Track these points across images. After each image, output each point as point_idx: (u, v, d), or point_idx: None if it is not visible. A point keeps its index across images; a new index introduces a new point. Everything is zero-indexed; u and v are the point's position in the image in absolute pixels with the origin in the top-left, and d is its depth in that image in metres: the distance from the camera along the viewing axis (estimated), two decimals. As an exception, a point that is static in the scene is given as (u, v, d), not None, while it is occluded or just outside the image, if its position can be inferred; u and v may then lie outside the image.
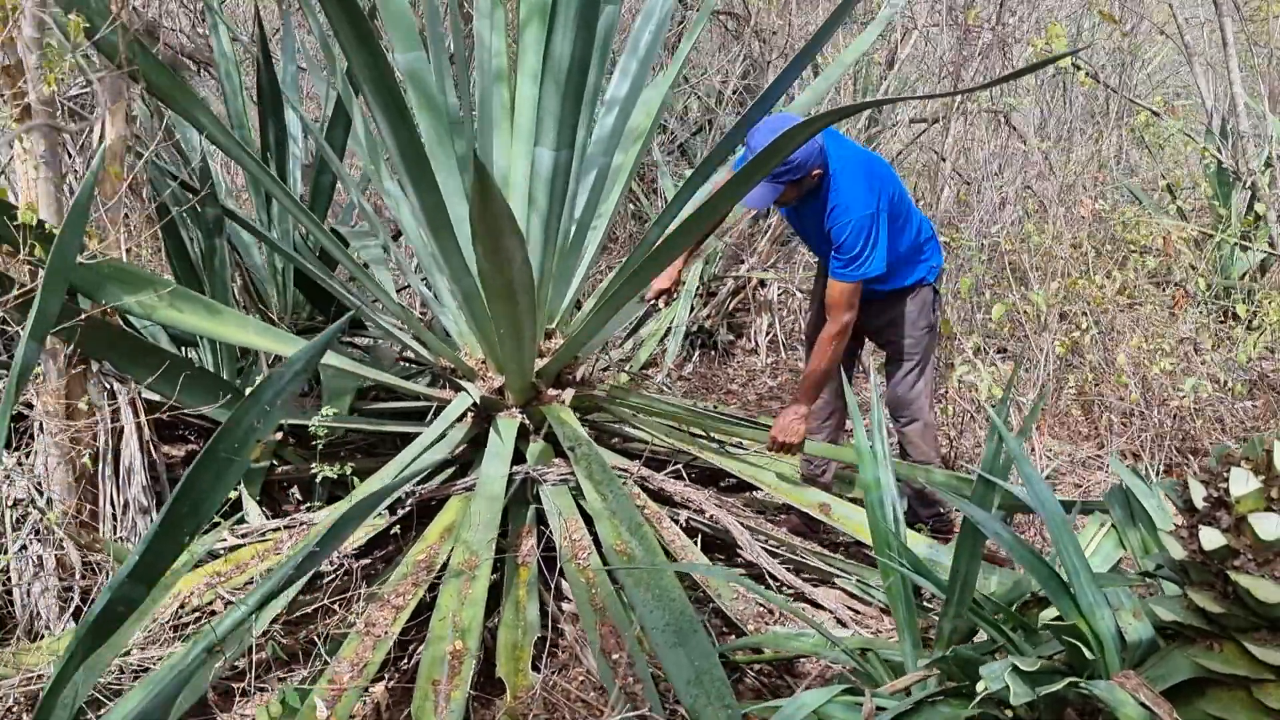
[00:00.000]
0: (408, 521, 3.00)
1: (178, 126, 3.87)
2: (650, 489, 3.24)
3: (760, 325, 5.65)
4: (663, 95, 3.85)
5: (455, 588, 2.67)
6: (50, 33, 2.48)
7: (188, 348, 3.54)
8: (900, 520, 2.36)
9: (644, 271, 2.88)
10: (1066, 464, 3.96)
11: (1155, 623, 1.85)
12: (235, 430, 1.53)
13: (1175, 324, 4.24)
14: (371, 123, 3.51)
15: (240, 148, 3.08)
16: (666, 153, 7.42)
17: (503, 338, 3.03)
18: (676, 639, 2.31)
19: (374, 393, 3.89)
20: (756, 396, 5.06)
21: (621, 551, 2.69)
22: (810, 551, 3.10)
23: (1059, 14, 7.19)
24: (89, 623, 1.52)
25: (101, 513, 2.82)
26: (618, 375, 4.61)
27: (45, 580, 2.67)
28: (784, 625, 2.75)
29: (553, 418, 3.25)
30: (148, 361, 2.81)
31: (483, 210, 2.28)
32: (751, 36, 7.02)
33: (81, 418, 2.70)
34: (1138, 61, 7.54)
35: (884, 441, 2.46)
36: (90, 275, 2.62)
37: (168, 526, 1.50)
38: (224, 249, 3.35)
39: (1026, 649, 2.00)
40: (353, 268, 3.44)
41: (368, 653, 2.51)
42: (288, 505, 3.36)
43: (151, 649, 2.51)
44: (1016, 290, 4.40)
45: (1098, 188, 5.34)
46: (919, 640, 2.18)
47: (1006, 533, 1.97)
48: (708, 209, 2.65)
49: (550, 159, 3.01)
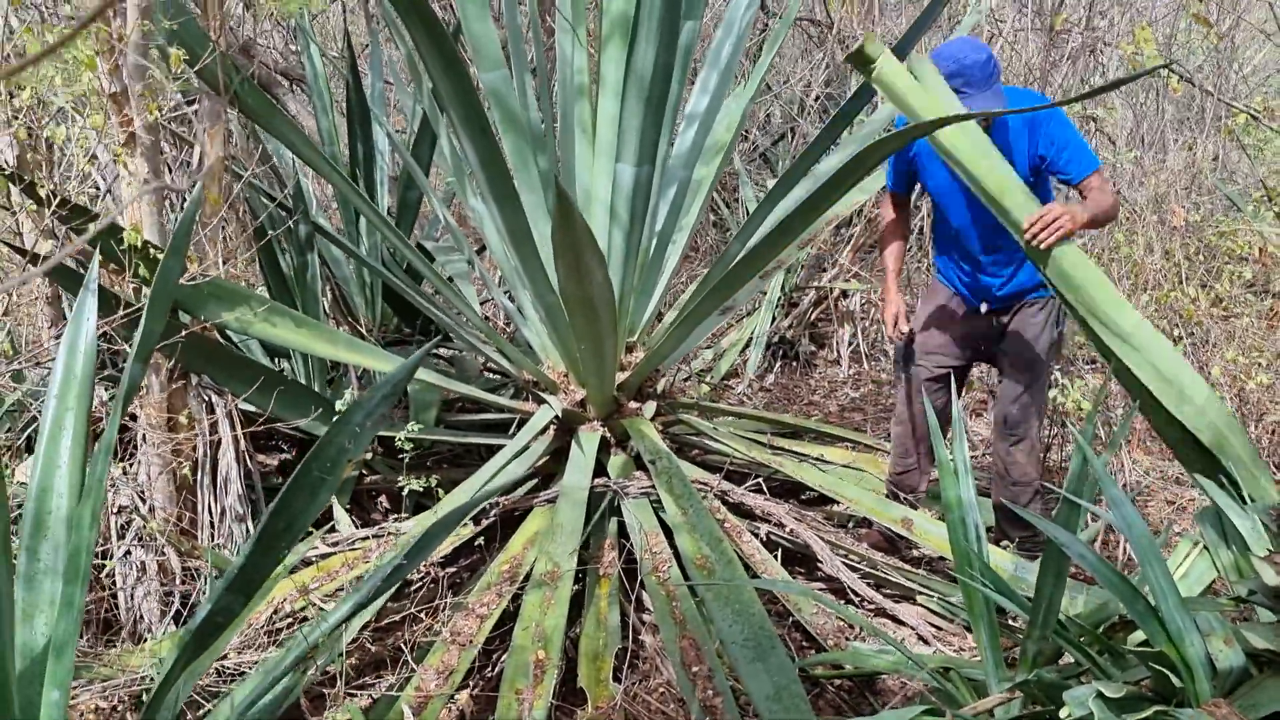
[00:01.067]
0: (492, 532, 3.06)
1: (269, 142, 4.00)
2: (730, 502, 3.25)
3: (843, 336, 5.61)
4: (744, 107, 3.85)
5: (538, 598, 2.71)
6: (153, 59, 2.59)
7: (280, 360, 3.66)
8: (983, 538, 2.33)
9: (725, 285, 2.90)
10: (1159, 480, 3.86)
11: (1247, 650, 1.80)
12: (328, 450, 1.59)
13: (1274, 335, 4.10)
14: (455, 139, 3.59)
15: (330, 166, 3.17)
16: (748, 161, 7.42)
17: (584, 352, 3.08)
18: (755, 654, 2.32)
19: (459, 404, 3.96)
20: (839, 408, 5.03)
21: (701, 565, 2.71)
22: (891, 567, 3.07)
23: (1151, 15, 7.02)
24: (191, 632, 1.59)
25: (200, 520, 2.94)
26: (698, 387, 4.63)
27: (148, 585, 2.79)
28: (865, 641, 2.74)
29: (634, 431, 3.29)
30: (244, 375, 2.92)
31: (563, 230, 2.32)
32: (834, 43, 6.98)
33: (182, 430, 2.81)
34: (1235, 62, 7.31)
35: (965, 456, 2.44)
36: (191, 294, 2.73)
37: (264, 542, 1.57)
38: (315, 264, 3.46)
39: (1113, 674, 1.96)
40: (438, 282, 3.52)
41: (453, 660, 2.56)
42: (376, 514, 3.45)
43: (247, 653, 2.61)
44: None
45: (1192, 196, 5.19)
46: (1002, 661, 2.16)
47: (1091, 554, 1.94)
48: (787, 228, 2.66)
49: (632, 174, 3.05)
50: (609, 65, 3.28)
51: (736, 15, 3.67)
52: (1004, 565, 2.88)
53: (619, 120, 3.11)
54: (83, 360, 1.97)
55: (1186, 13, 6.23)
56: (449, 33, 2.49)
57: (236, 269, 3.11)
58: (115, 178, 3.03)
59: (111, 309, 2.43)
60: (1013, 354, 3.24)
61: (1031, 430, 3.27)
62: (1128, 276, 4.31)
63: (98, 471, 1.76)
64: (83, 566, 1.72)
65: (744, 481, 3.30)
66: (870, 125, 4.02)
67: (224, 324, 2.82)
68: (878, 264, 6.07)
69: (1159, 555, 1.89)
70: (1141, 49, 4.64)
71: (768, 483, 3.37)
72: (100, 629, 2.77)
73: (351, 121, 4.04)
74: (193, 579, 2.84)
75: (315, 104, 4.22)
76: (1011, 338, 3.24)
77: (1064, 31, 5.72)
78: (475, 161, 2.81)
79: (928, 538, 3.10)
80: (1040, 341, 3.20)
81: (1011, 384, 3.26)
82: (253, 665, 2.55)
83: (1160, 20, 7.13)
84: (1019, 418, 3.25)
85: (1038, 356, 3.21)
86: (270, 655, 2.54)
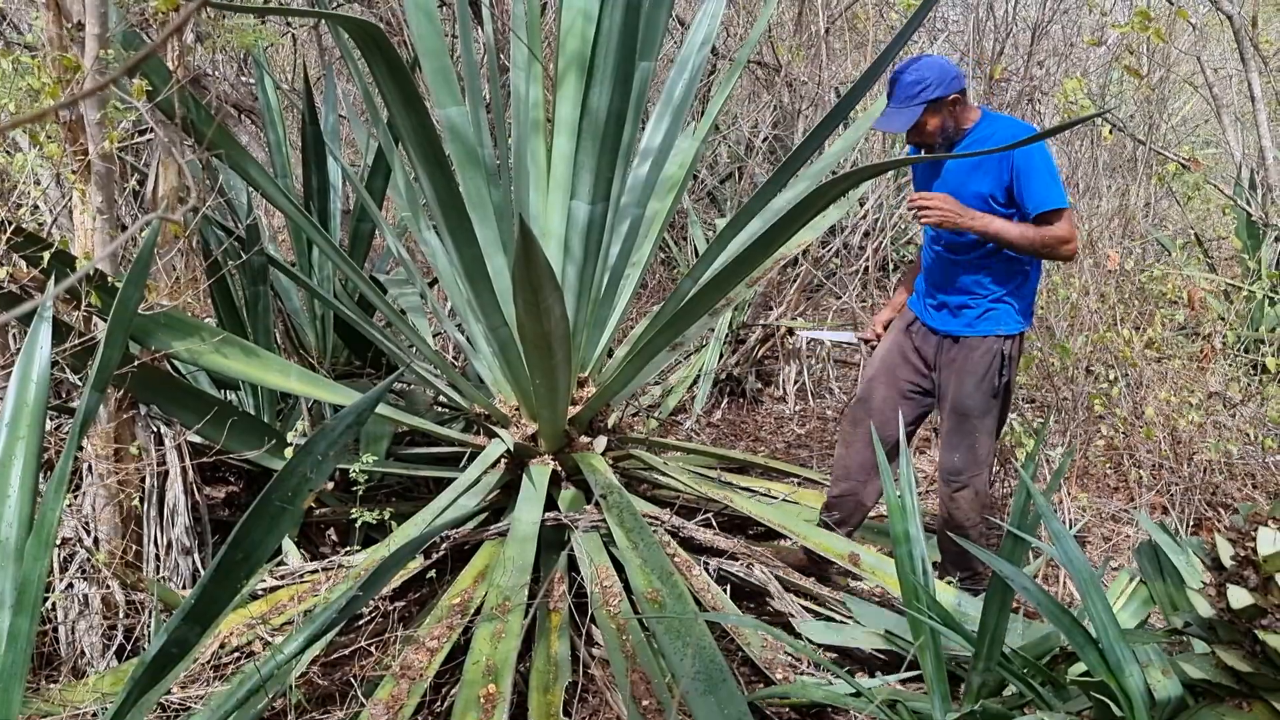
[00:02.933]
0: (442, 565, 3.06)
1: (222, 172, 3.98)
2: (680, 537, 3.27)
3: (789, 373, 5.69)
4: (696, 146, 3.93)
5: (489, 631, 2.71)
6: (110, 88, 2.59)
7: (228, 391, 3.63)
8: (929, 572, 2.39)
9: (678, 320, 2.94)
10: (1095, 517, 3.96)
11: (1184, 680, 1.87)
12: (289, 480, 1.59)
13: (1204, 377, 4.25)
14: (410, 172, 3.60)
15: (287, 198, 3.18)
16: (696, 199, 7.52)
17: (538, 387, 3.10)
18: (706, 687, 2.34)
19: (408, 437, 3.95)
20: (785, 444, 5.09)
21: (652, 599, 2.73)
22: (837, 600, 3.12)
23: (1086, 66, 7.27)
24: (144, 664, 1.58)
25: (145, 553, 2.90)
26: (647, 422, 4.66)
27: (90, 618, 2.74)
28: (813, 674, 2.77)
29: (584, 465, 3.31)
30: (194, 405, 2.89)
31: (525, 267, 2.35)
32: (782, 85, 7.13)
33: (130, 460, 2.78)
34: (1165, 112, 7.58)
35: (914, 494, 2.49)
36: (142, 323, 2.70)
37: (222, 572, 1.56)
38: (267, 295, 3.44)
39: (1055, 704, 2.02)
40: (391, 314, 3.52)
41: (403, 694, 2.55)
42: (324, 547, 3.42)
43: (192, 688, 2.57)
44: (1045, 341, 4.43)
45: (1125, 241, 5.37)
46: (948, 693, 2.20)
47: (1035, 588, 2.00)
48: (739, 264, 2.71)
49: (586, 212, 3.09)
50: (564, 103, 3.33)
51: (689, 56, 3.75)
52: (948, 600, 2.93)
53: (574, 158, 3.16)
54: (35, 389, 1.95)
55: (1118, 65, 6.46)
56: (409, 69, 2.52)
57: (188, 299, 3.09)
58: (62, 207, 3.00)
59: (63, 338, 2.41)
60: (952, 397, 3.21)
61: (976, 480, 3.21)
62: (1065, 318, 4.43)
63: (49, 502, 1.75)
64: (32, 598, 1.70)
65: (694, 516, 3.33)
66: (821, 163, 4.11)
67: (175, 354, 2.80)
68: (823, 303, 6.18)
69: (1100, 589, 1.96)
70: (1075, 100, 4.81)
71: (717, 518, 3.41)
72: (40, 663, 2.71)
73: (306, 153, 4.04)
74: (136, 612, 2.79)
75: (269, 136, 4.21)
76: (951, 378, 3.21)
77: (1003, 80, 5.90)
78: (432, 196, 2.83)
79: (876, 573, 3.15)
80: (982, 387, 3.15)
81: (951, 430, 3.22)
82: (198, 700, 2.51)
83: (1094, 71, 7.40)
84: (959, 466, 3.21)
85: (978, 403, 3.15)
86: (215, 691, 2.51)
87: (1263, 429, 4.02)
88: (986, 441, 3.20)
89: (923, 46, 7.68)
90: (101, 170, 2.58)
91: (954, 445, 3.22)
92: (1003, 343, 3.14)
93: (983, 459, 3.20)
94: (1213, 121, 9.07)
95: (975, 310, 3.17)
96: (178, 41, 2.72)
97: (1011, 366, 3.17)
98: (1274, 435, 4.01)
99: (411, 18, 3.22)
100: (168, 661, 1.63)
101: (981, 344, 3.16)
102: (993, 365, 3.14)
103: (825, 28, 6.70)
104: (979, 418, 3.17)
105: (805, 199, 2.46)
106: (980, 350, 3.15)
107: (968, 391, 3.16)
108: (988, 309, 3.15)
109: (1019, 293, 3.16)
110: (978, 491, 3.22)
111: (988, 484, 3.26)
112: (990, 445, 3.23)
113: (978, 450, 3.19)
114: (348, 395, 3.18)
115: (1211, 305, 4.63)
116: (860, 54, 7.50)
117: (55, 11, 2.53)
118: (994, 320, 3.15)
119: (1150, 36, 4.88)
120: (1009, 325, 3.15)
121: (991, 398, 3.16)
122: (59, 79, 2.43)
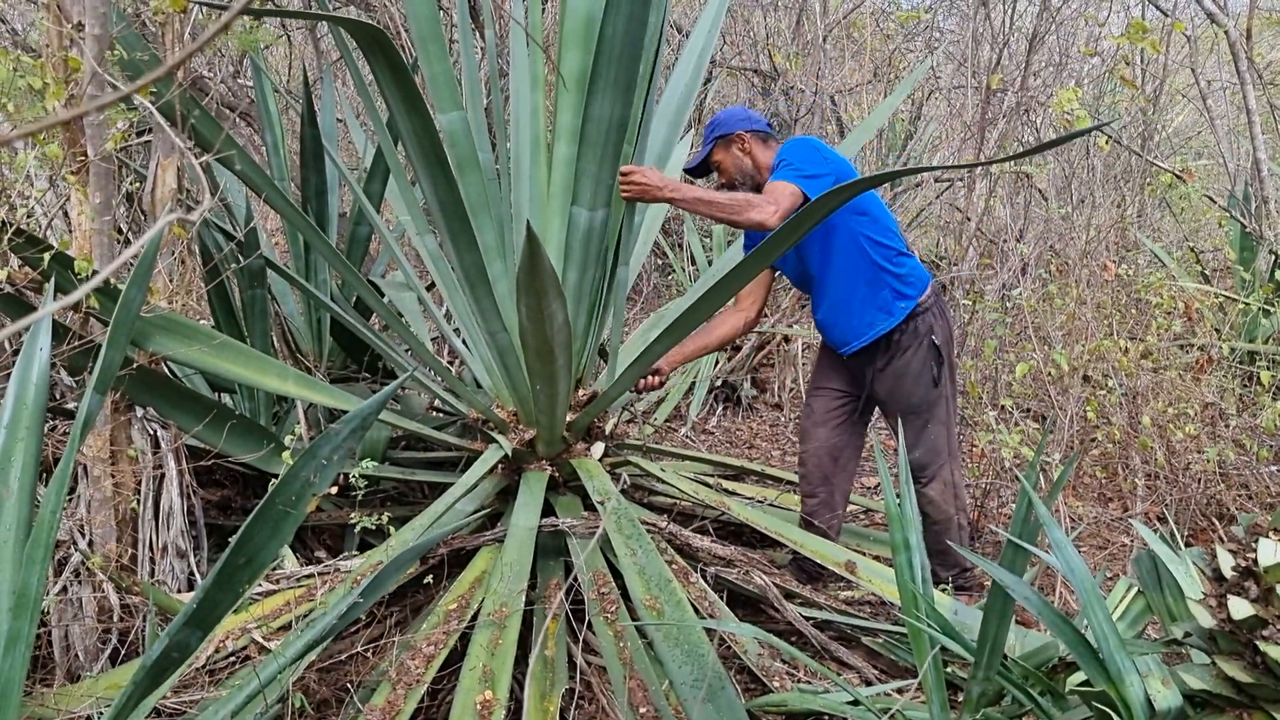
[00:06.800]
0: (438, 570, 3.04)
1: (218, 174, 3.97)
2: (677, 543, 3.27)
3: (784, 380, 5.70)
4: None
5: (486, 637, 2.70)
6: (110, 90, 2.58)
7: (223, 393, 3.62)
8: (928, 580, 2.39)
9: (678, 328, 2.94)
10: (1091, 526, 3.97)
11: (1184, 691, 1.87)
12: (292, 484, 1.59)
13: (1199, 388, 4.26)
14: (412, 175, 3.59)
15: (285, 201, 3.17)
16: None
17: (537, 393, 3.09)
18: (704, 694, 2.33)
19: (404, 442, 3.94)
20: (780, 452, 5.09)
21: (650, 606, 2.73)
22: (835, 610, 3.12)
23: (1081, 77, 7.30)
24: (145, 668, 1.57)
25: (140, 556, 2.88)
26: (643, 428, 4.66)
27: (84, 622, 2.72)
28: (811, 682, 2.77)
29: (582, 471, 3.30)
30: (192, 408, 2.88)
31: (530, 273, 2.35)
32: (779, 93, 7.14)
33: (127, 463, 2.76)
34: (1159, 124, 7.62)
35: (912, 502, 2.49)
36: (142, 325, 2.69)
37: (224, 576, 1.56)
38: (265, 298, 3.43)
39: (1055, 714, 2.02)
40: (389, 318, 3.51)
41: (400, 700, 2.54)
42: (320, 552, 3.40)
43: (185, 693, 2.56)
44: (1040, 351, 4.44)
45: (1120, 251, 5.39)
46: (946, 702, 2.20)
47: (1035, 597, 2.00)
48: (740, 271, 2.71)
49: (587, 218, 3.08)
50: (565, 111, 3.32)
51: (689, 63, 3.76)
52: (944, 608, 2.93)
53: (575, 164, 3.16)
54: (34, 391, 1.94)
55: (1114, 75, 6.49)
56: (411, 72, 2.52)
57: (185, 301, 3.08)
58: (58, 208, 2.99)
59: (61, 340, 2.40)
60: (892, 400, 3.25)
61: (942, 470, 3.26)
62: (1061, 327, 4.45)
63: (50, 504, 1.74)
64: (32, 601, 1.69)
65: (691, 523, 3.32)
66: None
67: (172, 356, 2.79)
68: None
69: (1100, 598, 1.96)
70: (1072, 111, 4.83)
71: (714, 524, 3.41)
72: (34, 667, 2.69)
73: (304, 155, 4.03)
74: (130, 616, 2.77)
75: (267, 138, 4.21)
76: (886, 384, 3.24)
77: (1000, 90, 5.92)
78: (433, 199, 2.83)
79: (873, 581, 3.14)
80: (922, 381, 3.19)
81: (905, 430, 3.20)
82: (193, 705, 2.50)
83: (1088, 82, 7.43)
84: (922, 461, 3.26)
85: (920, 398, 3.20)
86: (209, 696, 2.50)
87: (1257, 440, 4.03)
88: (941, 430, 3.25)
89: (921, 56, 7.70)
90: (100, 171, 2.57)
91: (910, 444, 3.26)
92: (911, 334, 3.16)
93: (942, 448, 3.25)
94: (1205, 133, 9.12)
95: (862, 316, 3.21)
96: (179, 43, 2.71)
97: (944, 350, 3.19)
98: (1268, 446, 4.02)
99: (412, 22, 3.22)
100: (168, 665, 1.62)
101: (892, 344, 3.20)
102: (926, 356, 3.18)
103: (823, 35, 6.72)
104: (926, 410, 3.22)
105: (801, 213, 2.47)
106: (910, 349, 3.19)
107: (906, 390, 3.21)
108: (872, 311, 3.20)
109: (884, 278, 3.17)
110: (945, 481, 3.27)
111: (955, 472, 3.30)
112: (947, 433, 3.26)
113: (935, 441, 3.24)
114: (345, 399, 3.17)
115: (1207, 316, 4.64)
116: (857, 62, 7.52)
117: (55, 12, 2.52)
118: (883, 313, 3.18)
119: (1146, 48, 4.90)
120: (896, 312, 3.18)
121: (932, 387, 3.20)
122: (62, 78, 2.42)
